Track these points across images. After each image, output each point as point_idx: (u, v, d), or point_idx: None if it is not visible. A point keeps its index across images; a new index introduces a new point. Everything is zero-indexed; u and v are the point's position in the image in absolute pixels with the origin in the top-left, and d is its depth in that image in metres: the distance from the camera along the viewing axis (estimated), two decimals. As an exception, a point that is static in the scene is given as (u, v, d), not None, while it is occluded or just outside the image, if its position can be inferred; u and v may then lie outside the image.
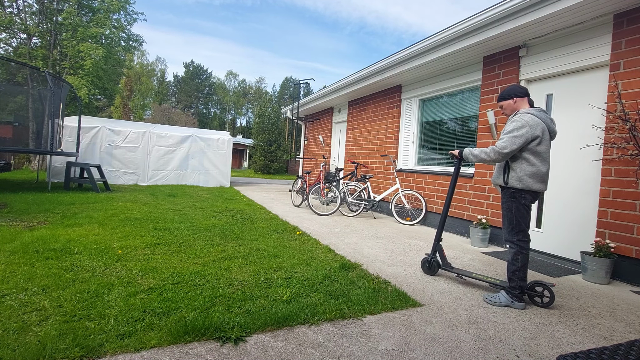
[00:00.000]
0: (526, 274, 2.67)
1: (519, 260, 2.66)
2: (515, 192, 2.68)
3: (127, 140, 9.99)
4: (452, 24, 4.82)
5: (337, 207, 6.63)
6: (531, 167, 2.62)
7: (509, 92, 2.87)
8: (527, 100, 2.84)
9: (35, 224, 4.23)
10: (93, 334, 1.82)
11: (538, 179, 2.63)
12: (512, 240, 2.71)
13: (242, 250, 3.64)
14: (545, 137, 2.65)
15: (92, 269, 2.80)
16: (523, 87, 2.88)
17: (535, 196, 2.70)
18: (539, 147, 2.62)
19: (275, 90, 63.80)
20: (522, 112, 2.74)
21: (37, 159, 14.55)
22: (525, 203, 2.67)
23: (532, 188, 2.63)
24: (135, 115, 39.48)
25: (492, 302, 2.69)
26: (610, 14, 3.60)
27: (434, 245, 3.25)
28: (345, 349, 1.89)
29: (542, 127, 2.63)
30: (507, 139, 2.62)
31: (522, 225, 2.68)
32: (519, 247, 2.67)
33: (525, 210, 2.68)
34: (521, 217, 2.67)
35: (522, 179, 2.63)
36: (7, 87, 10.04)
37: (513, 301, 2.63)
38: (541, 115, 2.69)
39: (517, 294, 2.64)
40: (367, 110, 8.28)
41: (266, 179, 19.86)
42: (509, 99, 2.86)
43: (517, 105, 2.84)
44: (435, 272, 3.27)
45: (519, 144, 2.59)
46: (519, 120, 2.66)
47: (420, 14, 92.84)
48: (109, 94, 21.94)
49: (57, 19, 15.47)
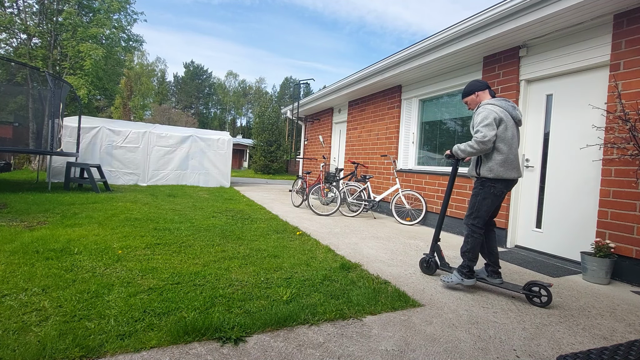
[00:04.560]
0: (476, 255, 2.87)
1: (469, 242, 2.87)
2: (485, 181, 2.82)
3: (127, 140, 9.98)
4: (453, 24, 4.82)
5: (337, 208, 6.63)
6: (500, 155, 2.75)
7: (471, 88, 3.04)
8: (489, 92, 3.00)
9: (35, 224, 4.23)
10: (93, 334, 1.82)
11: (508, 166, 2.76)
12: (467, 223, 2.92)
13: (242, 250, 3.64)
14: (509, 124, 2.78)
15: (92, 269, 2.80)
16: (482, 81, 3.04)
17: (508, 184, 2.82)
18: (505, 133, 2.76)
19: (275, 90, 63.86)
20: (483, 103, 2.89)
21: (37, 159, 14.55)
22: (495, 192, 2.80)
23: (502, 176, 2.75)
24: (136, 115, 39.48)
25: (447, 282, 2.93)
26: (610, 14, 3.60)
27: (432, 245, 3.27)
28: (345, 349, 1.89)
29: (504, 114, 2.78)
30: (482, 129, 2.73)
31: (481, 212, 2.84)
32: (471, 231, 2.87)
33: (492, 199, 2.81)
34: (484, 204, 2.83)
35: (493, 169, 2.76)
36: (7, 87, 10.03)
37: (462, 279, 2.86)
38: (502, 104, 2.83)
39: (466, 272, 2.86)
40: (367, 110, 8.28)
41: (266, 179, 19.86)
42: (472, 94, 3.02)
43: (479, 98, 3.00)
44: (434, 272, 3.29)
45: (494, 129, 2.72)
46: (482, 111, 2.81)
47: (420, 13, 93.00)
48: (109, 94, 21.94)
49: (57, 19, 15.48)
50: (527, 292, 2.71)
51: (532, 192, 4.48)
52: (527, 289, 2.71)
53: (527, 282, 2.73)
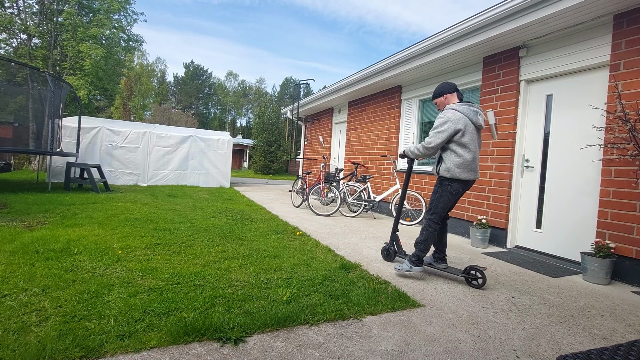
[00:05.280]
0: (428, 247, 3.10)
1: (424, 234, 3.10)
2: (443, 180, 3.05)
3: (127, 140, 9.99)
4: (453, 25, 4.82)
5: (337, 208, 6.63)
6: (458, 158, 2.95)
7: (440, 90, 3.22)
8: (456, 95, 3.17)
9: (35, 225, 4.23)
10: (93, 335, 1.82)
11: (465, 168, 2.95)
12: (425, 217, 3.18)
13: (242, 250, 3.64)
14: (468, 129, 2.95)
15: (92, 269, 2.79)
16: (451, 83, 3.22)
17: (464, 185, 3.03)
18: (462, 139, 2.93)
19: (275, 90, 63.86)
20: (447, 107, 3.08)
21: (37, 160, 14.55)
22: (451, 191, 3.02)
23: (459, 177, 2.96)
24: (136, 115, 39.48)
25: (398, 270, 3.17)
26: (610, 14, 3.60)
27: (391, 235, 3.61)
28: (345, 349, 1.89)
29: (464, 121, 2.94)
30: (433, 135, 3.00)
31: (438, 209, 3.07)
32: (428, 225, 3.11)
33: (448, 197, 3.04)
34: (441, 201, 3.06)
35: (450, 169, 2.96)
36: (7, 87, 10.03)
37: (411, 267, 3.09)
38: (463, 110, 2.99)
39: (415, 261, 3.09)
40: (367, 110, 8.28)
41: (266, 179, 19.85)
42: (440, 96, 3.22)
43: (447, 100, 3.18)
44: (393, 259, 3.63)
45: (442, 138, 2.94)
46: (442, 117, 3.00)
47: (420, 13, 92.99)
48: (109, 94, 21.95)
49: (57, 19, 15.48)
50: (466, 275, 3.02)
51: (532, 193, 4.47)
52: (466, 273, 3.02)
53: (466, 267, 3.04)
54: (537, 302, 2.75)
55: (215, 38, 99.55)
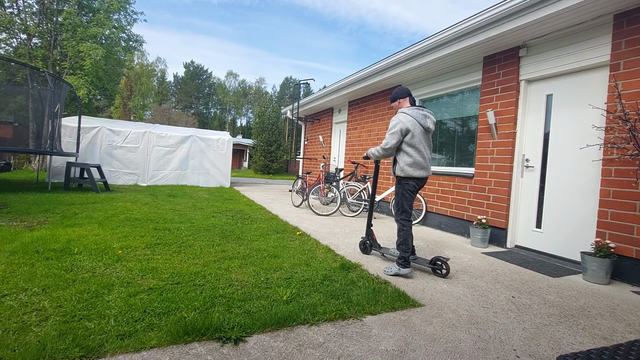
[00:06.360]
0: (409, 247, 3.23)
1: (401, 235, 3.26)
2: (400, 179, 3.28)
3: (127, 140, 9.98)
4: (453, 24, 4.82)
5: (337, 208, 6.63)
6: (409, 158, 3.20)
7: (395, 95, 3.47)
8: (409, 100, 3.41)
9: (35, 224, 4.23)
10: (93, 334, 1.82)
11: (417, 167, 3.20)
12: (397, 219, 3.35)
13: (242, 250, 3.64)
14: (416, 131, 3.18)
15: (92, 269, 2.79)
16: (405, 89, 3.46)
17: (419, 181, 3.26)
18: (412, 139, 3.18)
19: (275, 90, 63.86)
20: (399, 111, 3.32)
21: (37, 159, 14.55)
22: (409, 188, 3.24)
23: (412, 175, 3.20)
24: (136, 115, 39.45)
25: (387, 272, 3.23)
26: (610, 14, 3.60)
27: (366, 229, 3.87)
28: (345, 349, 1.89)
29: (412, 123, 3.18)
30: (387, 137, 3.25)
31: (405, 207, 3.27)
32: (402, 225, 3.28)
33: (409, 194, 3.25)
34: (405, 200, 3.26)
35: (404, 169, 3.21)
36: (7, 87, 10.03)
37: (400, 269, 3.17)
38: (412, 113, 3.23)
39: (402, 263, 3.18)
40: (367, 110, 8.28)
41: (266, 179, 19.86)
42: (395, 101, 3.47)
43: (400, 105, 3.43)
44: (369, 252, 3.89)
45: (397, 138, 3.19)
46: (394, 120, 3.25)
47: (420, 13, 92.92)
48: (109, 94, 21.96)
49: (57, 19, 15.47)
50: (432, 265, 3.28)
51: (532, 192, 4.48)
52: (432, 263, 3.28)
53: (432, 258, 3.31)
54: (537, 302, 2.75)
55: (215, 38, 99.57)
